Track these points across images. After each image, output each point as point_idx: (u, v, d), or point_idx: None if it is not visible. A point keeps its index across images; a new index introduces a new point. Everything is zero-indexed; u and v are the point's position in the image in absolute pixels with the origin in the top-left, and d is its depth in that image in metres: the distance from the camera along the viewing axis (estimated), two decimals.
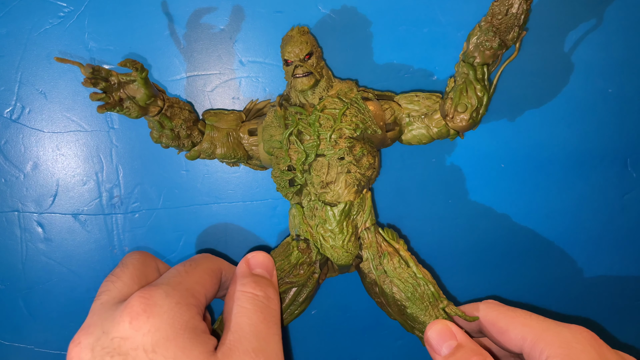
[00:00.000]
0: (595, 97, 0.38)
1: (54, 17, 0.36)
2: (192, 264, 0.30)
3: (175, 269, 0.29)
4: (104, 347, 0.24)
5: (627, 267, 0.41)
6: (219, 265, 0.32)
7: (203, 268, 0.30)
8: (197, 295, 0.28)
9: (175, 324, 0.25)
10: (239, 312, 0.28)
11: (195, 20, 0.36)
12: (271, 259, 0.33)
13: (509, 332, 0.28)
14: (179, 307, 0.26)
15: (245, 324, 0.28)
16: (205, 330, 0.27)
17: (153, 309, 0.25)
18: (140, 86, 0.30)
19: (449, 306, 0.33)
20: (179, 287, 0.27)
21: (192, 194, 0.38)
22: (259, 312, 0.29)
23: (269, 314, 0.29)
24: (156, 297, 0.25)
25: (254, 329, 0.28)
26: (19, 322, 0.39)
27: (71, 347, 0.25)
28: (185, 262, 0.30)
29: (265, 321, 0.28)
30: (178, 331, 0.25)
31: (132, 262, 0.30)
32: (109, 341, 0.24)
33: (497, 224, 0.39)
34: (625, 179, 0.39)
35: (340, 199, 0.33)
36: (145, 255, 0.31)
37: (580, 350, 0.26)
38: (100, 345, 0.24)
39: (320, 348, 0.41)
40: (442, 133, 0.34)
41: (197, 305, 0.27)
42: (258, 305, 0.29)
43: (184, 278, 0.28)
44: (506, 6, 0.28)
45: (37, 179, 0.38)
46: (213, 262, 0.32)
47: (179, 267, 0.29)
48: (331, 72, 0.34)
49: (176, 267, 0.30)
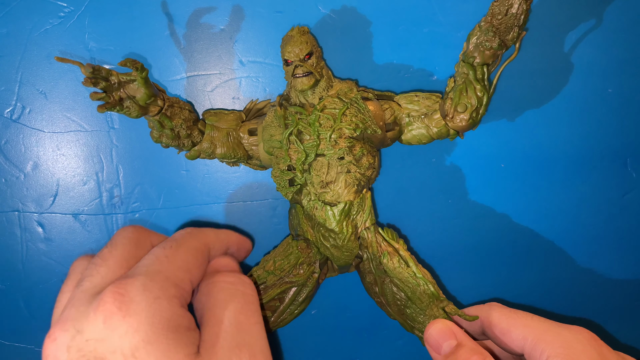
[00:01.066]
0: (595, 97, 0.38)
1: (54, 17, 0.36)
2: (174, 246, 0.26)
3: (153, 253, 0.26)
4: (79, 349, 0.21)
5: (627, 267, 0.41)
6: (205, 241, 0.29)
7: (186, 249, 0.27)
8: (181, 284, 0.25)
9: (156, 323, 0.22)
10: (213, 304, 0.26)
11: (195, 20, 0.36)
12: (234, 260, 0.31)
13: (511, 333, 0.28)
14: (159, 303, 0.23)
15: (225, 317, 0.25)
16: (190, 326, 0.24)
17: (129, 306, 0.22)
18: (141, 86, 0.30)
19: (449, 306, 0.33)
20: (158, 277, 0.24)
21: (192, 194, 0.38)
22: (236, 301, 0.26)
23: (246, 301, 0.27)
24: (132, 292, 0.22)
25: (234, 320, 0.25)
26: (19, 322, 0.39)
27: (47, 342, 0.22)
28: (165, 244, 0.27)
29: (244, 310, 0.26)
30: (159, 331, 0.22)
31: (122, 242, 0.27)
32: (84, 342, 0.21)
33: (497, 224, 0.39)
34: (625, 179, 0.39)
35: (340, 198, 0.33)
36: (138, 232, 0.28)
37: (581, 350, 0.26)
38: (75, 346, 0.21)
39: (320, 348, 0.40)
40: (442, 133, 0.34)
41: (181, 295, 0.24)
42: (233, 294, 0.26)
43: (164, 265, 0.25)
44: (506, 6, 0.28)
45: (38, 178, 0.38)
46: (198, 238, 0.28)
47: (158, 251, 0.26)
48: (331, 72, 0.34)
49: (155, 250, 0.26)
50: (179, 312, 0.23)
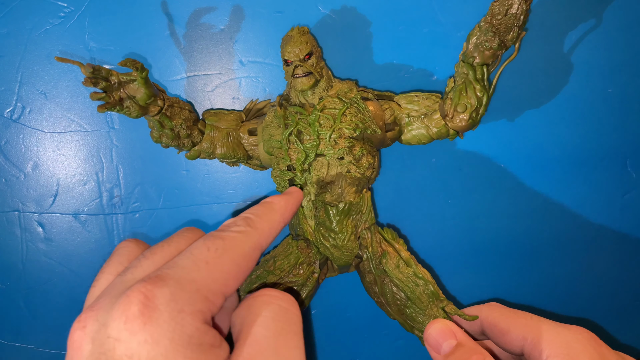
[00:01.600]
0: (595, 97, 0.38)
1: (54, 17, 0.36)
2: (219, 249, 0.23)
3: (193, 254, 0.23)
4: (101, 344, 0.20)
5: (627, 268, 0.41)
6: (259, 244, 0.25)
7: (232, 256, 0.24)
8: (212, 297, 0.22)
9: (176, 339, 0.20)
10: (252, 320, 0.24)
11: (195, 20, 0.36)
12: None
13: (510, 333, 0.28)
14: (182, 317, 0.21)
15: (262, 335, 0.23)
16: (214, 343, 0.22)
17: (152, 314, 0.20)
18: (141, 86, 0.30)
19: (449, 306, 0.33)
20: (189, 286, 0.22)
21: (192, 194, 0.38)
22: (278, 321, 0.24)
23: (288, 320, 0.24)
24: (158, 299, 0.21)
25: (273, 342, 0.23)
26: (19, 322, 0.39)
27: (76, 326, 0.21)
28: (211, 243, 0.24)
29: (284, 331, 0.24)
30: (179, 348, 0.20)
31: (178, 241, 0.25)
32: (105, 338, 0.20)
33: (497, 223, 0.39)
34: (625, 179, 0.39)
35: (340, 198, 0.33)
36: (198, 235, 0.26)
37: (581, 350, 0.26)
38: (99, 340, 0.21)
39: (320, 348, 0.40)
40: (441, 133, 0.34)
41: (208, 310, 0.22)
42: (276, 311, 0.24)
43: (201, 273, 0.22)
44: (506, 6, 0.28)
45: (38, 179, 0.38)
46: (250, 241, 0.25)
47: (201, 252, 0.23)
48: (331, 72, 0.34)
49: (197, 249, 0.23)
50: (202, 329, 0.21)
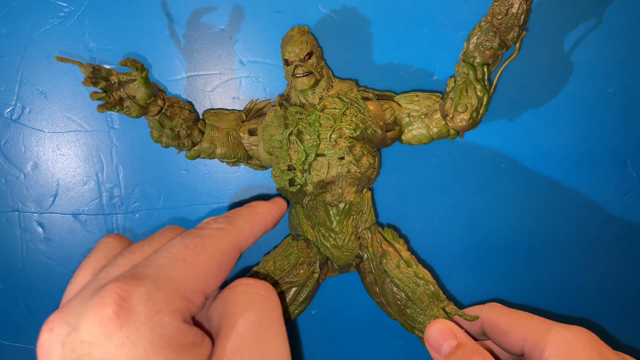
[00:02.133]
0: (595, 97, 0.38)
1: (54, 17, 0.36)
2: (198, 246, 0.23)
3: (171, 252, 0.22)
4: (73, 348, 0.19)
5: (627, 268, 0.41)
6: (238, 241, 0.25)
7: (210, 253, 0.23)
8: (191, 296, 0.22)
9: (155, 340, 0.19)
10: (231, 312, 0.23)
11: (195, 20, 0.36)
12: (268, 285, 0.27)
13: (511, 333, 0.28)
14: (160, 317, 0.20)
15: (243, 326, 0.22)
16: (195, 341, 0.21)
17: (128, 315, 0.19)
18: (141, 85, 0.30)
19: (449, 306, 0.33)
20: (166, 286, 0.21)
21: (192, 194, 0.38)
22: (257, 310, 0.23)
23: (268, 307, 0.24)
24: (134, 300, 0.20)
25: (255, 332, 0.22)
26: (19, 322, 0.39)
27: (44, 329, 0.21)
28: (189, 240, 0.23)
29: (265, 320, 0.23)
30: (159, 350, 0.19)
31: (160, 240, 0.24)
32: (78, 342, 0.19)
33: (497, 224, 0.39)
34: (625, 179, 0.39)
35: (340, 198, 0.33)
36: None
37: (581, 350, 0.26)
38: (70, 345, 0.20)
39: (320, 348, 0.40)
40: (442, 133, 0.34)
41: (187, 309, 0.21)
42: (253, 299, 0.24)
43: (178, 271, 0.22)
44: (506, 6, 0.28)
45: (38, 179, 0.38)
46: (230, 238, 0.24)
47: (179, 249, 0.22)
48: (331, 72, 0.34)
49: (174, 247, 0.23)
50: (182, 329, 0.21)
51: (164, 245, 0.23)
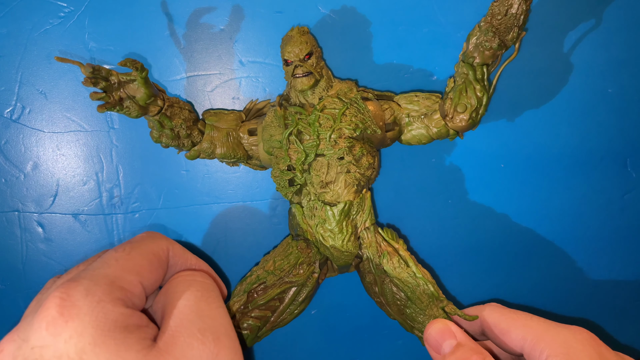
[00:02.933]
0: (595, 97, 0.38)
1: (54, 17, 0.36)
2: (127, 248, 0.26)
3: (104, 256, 0.26)
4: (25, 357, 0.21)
5: (627, 268, 0.41)
6: (165, 246, 0.29)
7: (140, 252, 0.27)
8: (128, 286, 0.24)
9: (101, 325, 0.21)
10: (174, 297, 0.26)
11: (195, 20, 0.36)
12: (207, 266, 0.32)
13: (510, 333, 0.29)
14: (102, 306, 0.22)
15: (183, 305, 0.25)
16: (141, 323, 0.24)
17: (71, 310, 0.21)
18: (140, 86, 0.30)
19: (449, 306, 0.33)
20: (102, 280, 0.23)
21: (192, 194, 0.38)
22: (196, 290, 0.26)
23: (205, 288, 0.27)
24: (74, 296, 0.22)
25: (195, 308, 0.25)
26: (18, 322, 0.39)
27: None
28: (119, 246, 0.27)
29: (204, 297, 0.26)
30: (105, 333, 0.21)
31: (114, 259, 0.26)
32: (29, 351, 0.21)
33: (497, 224, 0.39)
34: (625, 179, 0.39)
35: (340, 198, 0.33)
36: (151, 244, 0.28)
37: (580, 350, 0.26)
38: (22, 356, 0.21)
39: (320, 348, 0.41)
40: (441, 133, 0.34)
41: (126, 297, 0.24)
42: (193, 285, 0.27)
43: (111, 268, 0.24)
44: (506, 6, 0.28)
45: (37, 179, 0.38)
46: (156, 242, 0.28)
47: (109, 254, 0.26)
48: (331, 72, 0.34)
49: (107, 253, 0.26)
50: (126, 312, 0.23)
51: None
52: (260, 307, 0.34)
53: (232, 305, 0.35)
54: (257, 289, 0.35)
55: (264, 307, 0.35)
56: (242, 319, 0.34)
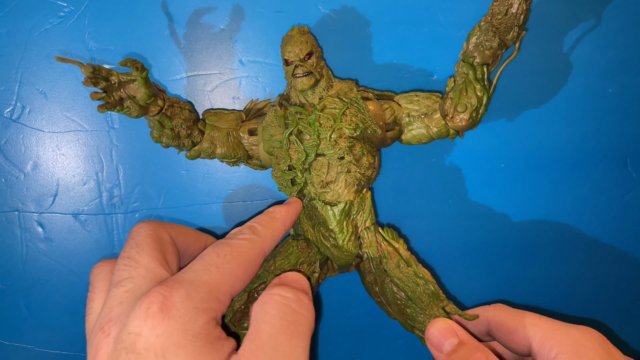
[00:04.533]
0: (595, 97, 0.38)
1: (54, 17, 0.36)
2: (227, 255, 0.26)
3: (204, 259, 0.26)
4: (122, 340, 0.22)
5: (628, 268, 0.41)
6: (263, 250, 0.28)
7: (239, 261, 0.26)
8: (221, 297, 0.25)
9: (188, 330, 0.23)
10: (261, 318, 0.25)
11: (195, 20, 0.36)
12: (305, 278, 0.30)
13: (518, 332, 0.29)
14: (196, 312, 0.23)
15: (265, 332, 0.24)
16: (221, 337, 0.24)
17: (170, 310, 0.23)
18: (141, 85, 0.30)
19: (449, 305, 0.33)
20: (202, 288, 0.24)
21: (192, 194, 0.38)
22: (284, 319, 0.25)
23: (295, 321, 0.25)
24: (175, 298, 0.23)
25: (275, 338, 0.24)
26: (19, 322, 0.39)
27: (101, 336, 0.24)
28: (220, 249, 0.26)
29: (289, 330, 0.25)
30: (189, 338, 0.23)
31: (146, 241, 0.27)
32: (126, 334, 0.22)
33: (497, 223, 0.39)
34: (625, 179, 0.39)
35: (340, 198, 0.33)
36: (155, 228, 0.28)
37: (590, 348, 0.26)
38: (120, 339, 0.23)
39: (320, 348, 0.40)
40: (441, 133, 0.34)
41: (218, 308, 0.25)
42: (284, 311, 0.26)
43: (211, 276, 0.25)
44: (506, 6, 0.28)
45: (37, 178, 0.38)
46: (255, 248, 0.28)
47: (210, 259, 0.26)
48: (331, 72, 0.34)
49: (207, 256, 0.26)
50: (212, 324, 0.24)
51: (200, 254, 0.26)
52: None
53: (233, 304, 0.34)
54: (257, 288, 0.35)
55: None
56: (243, 318, 0.34)
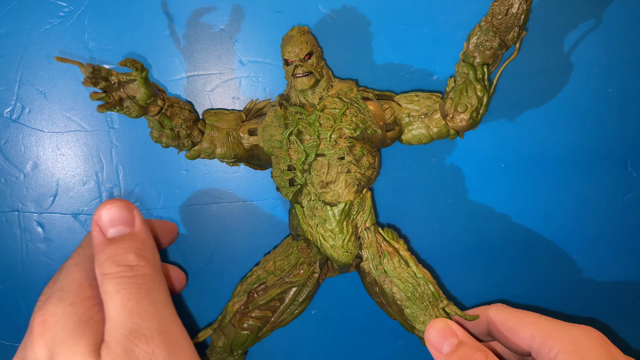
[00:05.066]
0: (595, 97, 0.38)
1: (54, 17, 0.36)
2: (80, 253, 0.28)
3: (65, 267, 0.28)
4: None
5: (628, 268, 0.41)
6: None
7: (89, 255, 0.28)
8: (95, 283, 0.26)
9: (69, 324, 0.24)
10: (104, 298, 0.26)
11: (195, 20, 0.36)
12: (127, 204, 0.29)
13: (518, 331, 0.29)
14: (73, 307, 0.25)
15: (112, 308, 0.25)
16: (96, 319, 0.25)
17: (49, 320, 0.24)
18: (140, 85, 0.30)
19: (449, 306, 0.33)
20: (71, 285, 0.26)
21: (192, 194, 0.38)
22: (123, 290, 0.25)
23: (136, 284, 0.26)
24: (50, 308, 0.25)
25: (123, 310, 0.25)
26: (19, 322, 0.39)
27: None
28: (73, 254, 0.29)
29: (134, 295, 0.25)
30: (69, 330, 0.24)
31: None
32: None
33: (497, 223, 0.39)
34: (625, 179, 0.39)
35: (340, 198, 0.33)
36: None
37: (590, 347, 0.26)
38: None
39: (320, 348, 0.40)
40: (442, 133, 0.34)
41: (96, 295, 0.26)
42: (120, 283, 0.26)
43: (75, 274, 0.27)
44: (506, 6, 0.28)
45: (37, 178, 0.38)
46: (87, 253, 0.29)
47: (69, 263, 0.28)
48: (331, 72, 0.34)
49: (66, 264, 0.28)
50: (95, 308, 0.25)
51: None
52: (261, 307, 0.34)
53: (233, 305, 0.35)
54: (257, 289, 0.35)
55: (264, 307, 0.35)
56: (243, 319, 0.34)
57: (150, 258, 0.27)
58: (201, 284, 0.39)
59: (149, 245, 0.28)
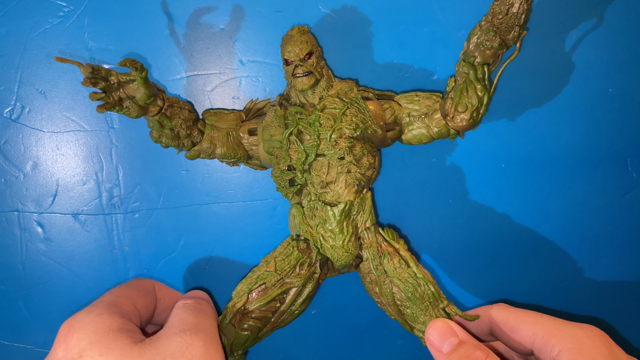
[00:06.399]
0: (595, 96, 0.38)
1: (53, 17, 0.36)
2: (120, 286, 0.33)
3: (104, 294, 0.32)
4: None
5: (628, 267, 0.41)
6: (150, 282, 0.35)
7: (130, 285, 0.33)
8: (122, 305, 0.30)
9: (98, 329, 0.27)
10: (170, 316, 0.31)
11: (195, 20, 0.36)
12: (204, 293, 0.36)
13: (520, 330, 0.29)
14: (101, 317, 0.28)
15: (175, 320, 0.30)
16: (134, 330, 0.29)
17: (76, 325, 0.27)
18: (140, 86, 0.30)
19: (449, 306, 0.33)
20: (100, 303, 0.30)
21: (192, 194, 0.38)
22: (185, 308, 0.32)
23: (195, 308, 0.32)
24: (78, 317, 0.28)
25: (180, 318, 0.30)
26: (19, 322, 0.39)
27: None
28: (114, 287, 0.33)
29: (190, 312, 0.31)
30: (101, 334, 0.27)
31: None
32: None
33: (497, 223, 0.39)
34: (625, 179, 0.39)
35: (341, 198, 0.33)
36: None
37: (592, 345, 0.26)
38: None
39: (320, 348, 0.40)
40: (442, 133, 0.34)
41: (122, 312, 0.29)
42: (188, 308, 0.32)
43: (107, 297, 0.31)
44: (507, 6, 0.28)
45: (37, 178, 0.38)
46: (145, 281, 0.35)
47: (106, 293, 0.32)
48: (331, 72, 0.34)
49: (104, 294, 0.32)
50: (121, 321, 0.28)
51: None
52: (261, 307, 0.34)
53: (233, 306, 0.34)
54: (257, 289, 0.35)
55: (264, 308, 0.34)
56: (243, 319, 0.34)
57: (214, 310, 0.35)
58: (201, 284, 0.39)
59: None
